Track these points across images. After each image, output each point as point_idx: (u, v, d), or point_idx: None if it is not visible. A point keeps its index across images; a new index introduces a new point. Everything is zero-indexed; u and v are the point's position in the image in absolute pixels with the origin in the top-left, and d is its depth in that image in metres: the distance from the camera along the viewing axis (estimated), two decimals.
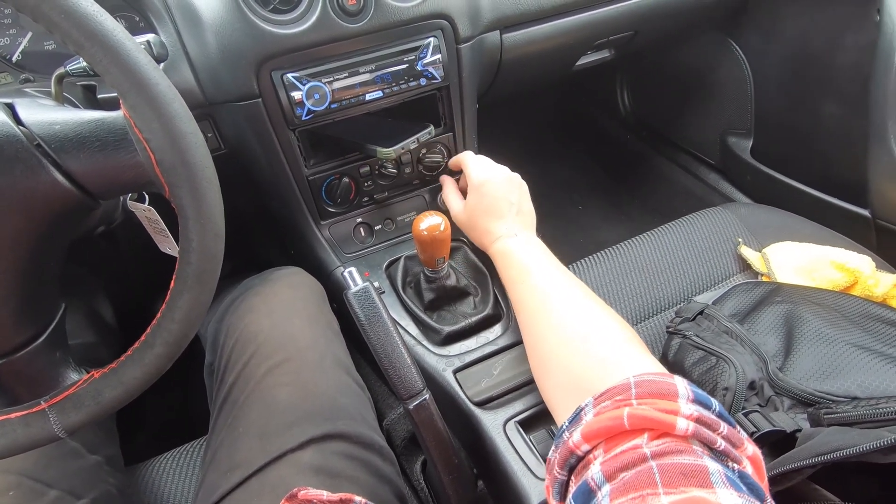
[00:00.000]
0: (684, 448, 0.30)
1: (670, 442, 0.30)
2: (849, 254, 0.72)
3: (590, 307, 0.49)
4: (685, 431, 0.31)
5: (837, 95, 0.93)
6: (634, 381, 0.35)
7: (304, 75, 0.62)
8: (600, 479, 0.30)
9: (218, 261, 0.36)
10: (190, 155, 0.33)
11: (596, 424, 0.33)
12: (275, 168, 0.69)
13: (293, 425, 0.51)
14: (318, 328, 0.61)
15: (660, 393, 0.33)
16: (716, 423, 0.32)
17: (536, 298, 0.52)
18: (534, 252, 0.58)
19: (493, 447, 0.54)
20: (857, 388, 0.48)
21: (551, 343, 0.48)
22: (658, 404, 0.32)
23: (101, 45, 0.30)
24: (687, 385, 0.34)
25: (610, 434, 0.32)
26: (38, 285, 0.37)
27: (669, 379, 0.35)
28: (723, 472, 0.28)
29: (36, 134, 0.33)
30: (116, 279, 0.90)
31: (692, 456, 0.29)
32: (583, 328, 0.47)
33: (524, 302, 0.54)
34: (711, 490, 0.26)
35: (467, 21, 0.69)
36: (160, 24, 0.61)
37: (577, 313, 0.49)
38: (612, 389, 0.36)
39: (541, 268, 0.55)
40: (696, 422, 0.31)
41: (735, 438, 0.32)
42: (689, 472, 0.27)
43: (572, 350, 0.45)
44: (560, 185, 1.53)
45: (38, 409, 0.36)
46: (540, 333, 0.50)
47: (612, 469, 0.30)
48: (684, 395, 0.33)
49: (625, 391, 0.35)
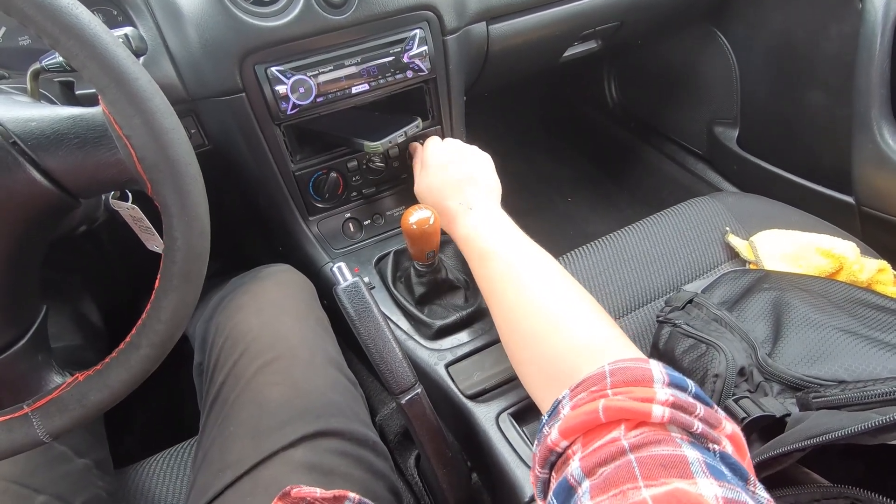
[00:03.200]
0: (662, 437, 0.30)
1: (648, 432, 0.30)
2: (834, 240, 0.73)
3: (558, 290, 0.47)
4: (661, 418, 0.30)
5: (822, 84, 0.94)
6: (609, 369, 0.35)
7: (288, 69, 0.61)
8: (580, 475, 0.30)
9: (204, 259, 0.35)
10: (172, 151, 0.32)
11: (573, 420, 0.33)
12: (261, 164, 0.68)
13: (285, 423, 0.51)
14: (309, 325, 0.61)
15: (635, 380, 0.33)
16: (692, 405, 0.31)
17: (503, 284, 0.50)
18: (494, 230, 0.54)
19: (486, 440, 0.54)
20: (844, 372, 0.49)
21: (523, 332, 0.46)
22: (633, 392, 0.32)
23: (76, 38, 0.30)
24: (662, 368, 0.34)
25: (587, 428, 0.32)
26: (18, 287, 0.36)
27: (644, 364, 0.34)
28: (702, 460, 0.27)
29: (11, 131, 0.32)
30: (101, 280, 0.88)
31: (671, 445, 0.29)
32: (554, 313, 0.45)
33: (490, 289, 0.52)
34: (692, 480, 0.26)
35: (453, 12, 0.69)
36: (139, 18, 0.60)
37: (546, 298, 0.47)
38: (588, 380, 0.35)
39: (504, 249, 0.52)
40: (672, 407, 0.31)
41: (713, 419, 0.32)
42: (668, 464, 0.27)
43: (546, 339, 0.44)
44: (548, 178, 1.54)
45: (21, 414, 0.35)
46: (509, 322, 0.49)
47: (591, 464, 0.30)
48: (660, 380, 0.33)
49: (600, 381, 0.34)
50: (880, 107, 0.83)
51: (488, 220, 0.56)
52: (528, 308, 0.47)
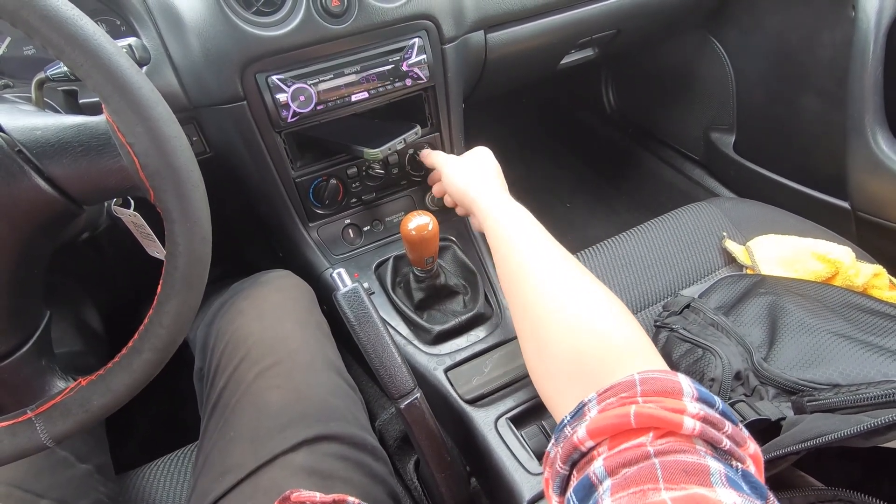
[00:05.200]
0: (687, 447, 0.30)
1: (674, 441, 0.30)
2: (830, 245, 0.73)
3: (585, 287, 0.46)
4: (692, 431, 0.31)
5: (816, 91, 0.95)
6: (639, 378, 0.35)
7: (289, 77, 0.62)
8: (602, 473, 0.30)
9: (205, 264, 0.36)
10: (174, 158, 0.33)
11: (602, 421, 0.33)
12: (261, 171, 0.69)
13: (285, 428, 0.51)
14: (309, 330, 0.61)
15: (665, 391, 0.33)
16: (721, 421, 0.32)
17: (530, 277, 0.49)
18: (522, 221, 0.55)
19: (485, 444, 0.54)
20: (838, 376, 0.49)
21: (546, 327, 0.45)
22: (664, 402, 0.32)
23: (81, 49, 0.30)
24: (691, 383, 0.34)
25: (616, 431, 0.32)
26: (22, 293, 0.36)
27: (673, 377, 0.35)
28: (724, 472, 0.28)
29: (17, 140, 0.33)
30: (103, 286, 0.89)
31: (695, 455, 0.29)
32: (581, 311, 0.44)
33: (510, 283, 0.51)
34: (711, 489, 0.26)
35: (451, 21, 0.70)
36: (142, 28, 0.61)
37: (572, 297, 0.46)
38: (617, 386, 0.35)
39: (531, 242, 0.52)
40: (703, 421, 0.31)
41: (739, 437, 0.32)
42: (690, 470, 0.28)
43: (572, 335, 0.43)
44: (547, 183, 1.54)
45: (25, 419, 0.35)
46: (530, 318, 0.47)
47: (615, 465, 0.30)
48: (689, 394, 0.33)
49: (630, 388, 0.34)
50: (874, 113, 0.84)
51: (514, 209, 0.57)
52: (554, 304, 0.46)
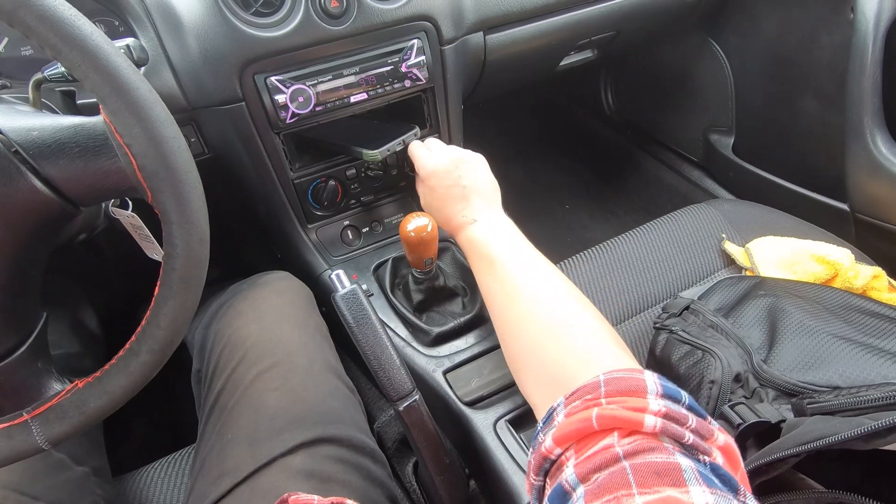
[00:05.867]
0: (655, 445, 0.30)
1: (641, 440, 0.30)
2: (829, 247, 0.73)
3: (560, 298, 0.47)
4: (653, 428, 0.31)
5: (815, 93, 0.95)
6: (604, 378, 0.35)
7: (287, 78, 0.62)
8: (574, 481, 0.30)
9: (203, 266, 0.35)
10: (172, 159, 0.33)
11: (566, 427, 0.33)
12: (260, 172, 0.69)
13: (283, 430, 0.51)
14: (307, 332, 0.61)
15: (629, 390, 0.34)
16: (684, 416, 0.32)
17: (505, 291, 0.50)
18: (498, 238, 0.54)
19: (484, 446, 0.54)
20: (838, 378, 0.49)
21: (524, 338, 0.46)
22: (627, 402, 0.33)
23: (78, 49, 0.30)
24: (657, 379, 0.34)
25: (580, 436, 0.33)
26: (19, 294, 0.36)
27: (639, 374, 0.35)
28: (695, 468, 0.28)
29: (13, 140, 0.33)
30: (100, 287, 0.89)
31: (664, 453, 0.29)
32: (556, 321, 0.45)
33: (492, 295, 0.52)
34: (685, 489, 0.26)
35: (451, 22, 0.70)
36: (140, 28, 0.60)
37: (548, 306, 0.47)
38: (582, 388, 0.36)
39: (508, 256, 0.52)
40: (665, 418, 0.31)
41: (705, 430, 0.32)
42: (662, 471, 0.28)
43: (545, 346, 0.44)
44: (546, 185, 1.54)
45: (21, 421, 0.35)
46: (511, 329, 0.49)
47: (586, 470, 0.30)
48: (653, 391, 0.33)
49: (594, 390, 0.35)
50: (873, 115, 0.84)
51: (491, 228, 0.56)
52: (529, 315, 0.47)
